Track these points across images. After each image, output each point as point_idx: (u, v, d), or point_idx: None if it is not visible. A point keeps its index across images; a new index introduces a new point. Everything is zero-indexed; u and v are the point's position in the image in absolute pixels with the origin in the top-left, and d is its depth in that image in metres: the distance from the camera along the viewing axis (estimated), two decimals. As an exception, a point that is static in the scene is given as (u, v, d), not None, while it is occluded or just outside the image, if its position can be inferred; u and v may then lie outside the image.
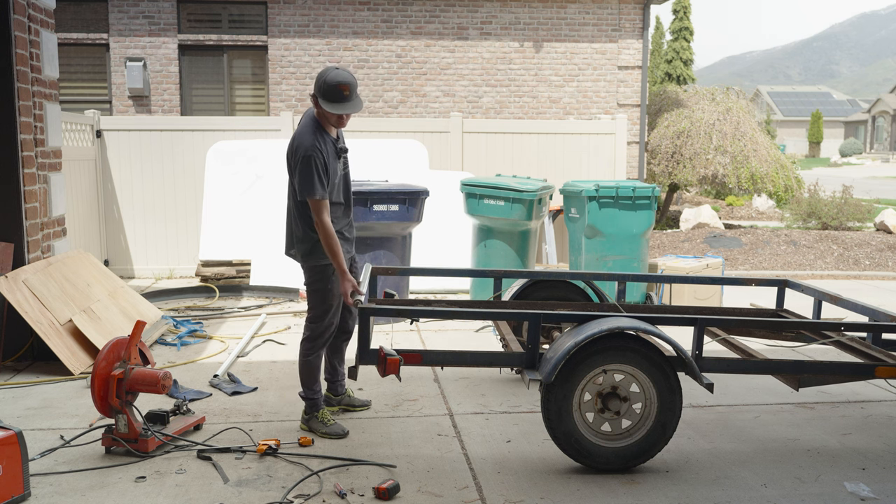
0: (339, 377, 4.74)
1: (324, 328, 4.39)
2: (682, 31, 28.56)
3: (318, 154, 4.10)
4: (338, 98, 4.11)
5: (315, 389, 4.41)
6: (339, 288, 4.24)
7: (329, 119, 4.20)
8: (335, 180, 4.26)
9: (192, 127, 9.62)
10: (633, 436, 3.90)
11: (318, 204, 4.10)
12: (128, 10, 11.64)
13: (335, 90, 4.10)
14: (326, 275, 4.31)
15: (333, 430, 4.31)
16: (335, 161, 4.26)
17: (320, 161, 4.11)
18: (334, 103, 4.12)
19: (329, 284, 4.32)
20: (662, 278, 5.62)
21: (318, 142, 4.14)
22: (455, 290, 8.48)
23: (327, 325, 4.39)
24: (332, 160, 4.22)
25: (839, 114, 68.59)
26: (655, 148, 14.44)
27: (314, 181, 4.08)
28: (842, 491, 3.75)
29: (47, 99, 6.19)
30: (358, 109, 4.17)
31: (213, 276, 8.69)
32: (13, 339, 5.72)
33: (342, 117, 4.20)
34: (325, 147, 4.18)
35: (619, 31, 12.36)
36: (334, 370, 4.73)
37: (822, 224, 13.81)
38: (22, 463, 3.46)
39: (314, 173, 4.08)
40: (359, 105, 4.18)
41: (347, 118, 4.23)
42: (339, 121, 4.21)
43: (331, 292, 4.33)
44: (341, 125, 4.27)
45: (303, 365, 4.40)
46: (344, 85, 4.10)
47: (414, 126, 10.04)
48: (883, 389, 5.36)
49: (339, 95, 4.10)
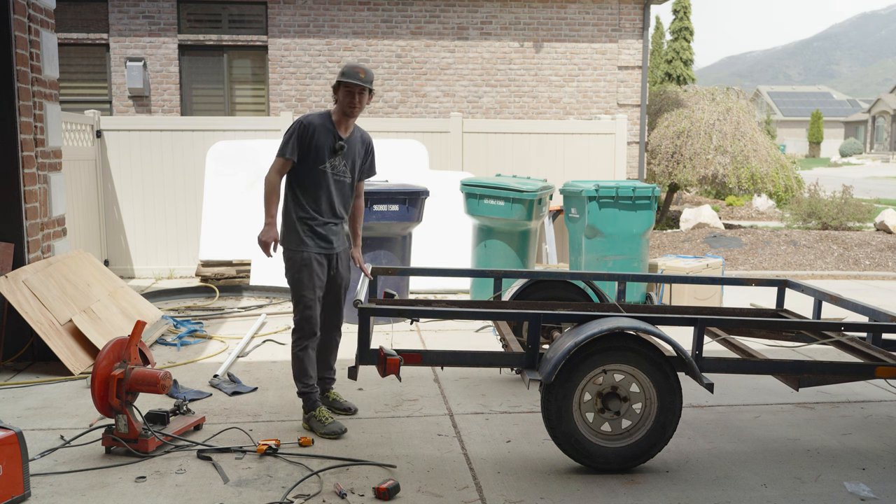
0: (325, 378, 4.75)
1: (302, 319, 4.45)
2: (682, 31, 28.57)
3: (308, 126, 4.37)
4: (354, 77, 4.35)
5: (305, 382, 4.46)
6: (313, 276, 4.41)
7: (343, 105, 4.39)
8: (319, 165, 4.41)
9: (192, 127, 9.62)
10: (633, 436, 3.90)
11: (277, 160, 4.40)
12: (128, 10, 11.64)
13: (353, 70, 4.38)
14: (295, 262, 4.44)
15: (331, 429, 4.32)
16: (327, 148, 4.42)
17: (306, 132, 4.36)
18: (350, 79, 4.35)
19: (298, 273, 4.43)
20: (662, 278, 5.62)
21: (315, 120, 4.40)
22: (455, 290, 8.48)
23: (305, 316, 4.44)
24: (322, 140, 4.39)
25: (839, 114, 68.58)
26: (655, 148, 14.44)
27: (287, 141, 4.37)
28: (842, 491, 3.74)
29: (47, 99, 6.19)
30: (369, 84, 4.38)
31: (213, 276, 8.69)
32: (13, 339, 5.72)
33: (354, 100, 4.37)
34: (320, 129, 4.39)
35: (619, 31, 12.36)
36: (322, 368, 4.75)
37: (823, 224, 13.81)
38: (22, 463, 3.46)
39: (292, 135, 4.37)
40: (370, 85, 4.40)
41: (360, 102, 4.40)
42: (352, 102, 4.37)
43: (300, 282, 4.44)
44: (353, 111, 4.41)
45: (292, 358, 4.51)
46: (360, 68, 4.40)
47: (414, 126, 10.04)
48: (883, 389, 5.36)
49: (356, 76, 4.36)
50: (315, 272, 4.42)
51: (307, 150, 4.37)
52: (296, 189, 4.45)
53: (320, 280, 4.46)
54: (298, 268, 4.43)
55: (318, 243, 4.45)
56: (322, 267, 4.47)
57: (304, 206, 4.43)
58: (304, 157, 4.39)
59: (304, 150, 4.37)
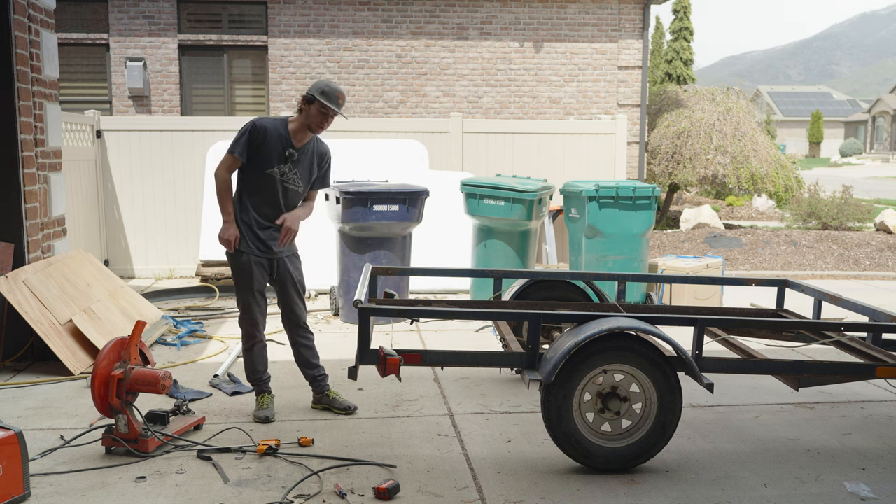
0: (316, 378, 4.78)
1: (240, 319, 4.64)
2: (682, 31, 28.55)
3: (260, 129, 4.41)
4: (334, 103, 4.43)
5: (252, 376, 4.68)
6: (252, 279, 4.52)
7: (311, 121, 4.44)
8: (266, 169, 4.46)
9: (192, 127, 9.62)
10: (633, 436, 3.90)
11: (226, 156, 4.48)
12: (128, 10, 11.64)
13: (335, 95, 4.44)
14: (235, 264, 4.55)
15: (257, 415, 4.57)
16: (276, 155, 4.46)
17: (257, 135, 4.40)
18: (331, 103, 4.42)
19: (237, 275, 4.57)
20: (662, 278, 5.62)
21: (268, 125, 4.45)
22: (455, 290, 8.48)
23: (244, 318, 4.61)
24: (272, 145, 4.43)
25: (839, 114, 68.57)
26: (655, 148, 14.44)
27: (237, 139, 4.43)
28: (842, 491, 3.75)
29: (47, 99, 6.19)
30: (340, 112, 4.48)
31: (214, 276, 8.69)
32: (13, 339, 5.72)
33: (325, 122, 4.46)
34: (272, 134, 4.43)
35: (619, 31, 12.37)
36: (305, 371, 4.80)
37: (823, 224, 13.81)
38: (22, 463, 3.46)
39: (243, 135, 4.43)
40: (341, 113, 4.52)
41: (328, 123, 4.49)
42: (322, 122, 4.44)
43: (239, 283, 4.58)
44: (319, 130, 4.49)
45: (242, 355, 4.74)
46: (341, 93, 4.48)
47: (414, 126, 10.04)
48: (883, 389, 5.36)
49: (337, 102, 4.45)
50: (255, 275, 4.53)
51: (256, 152, 4.44)
52: (242, 191, 4.55)
53: (259, 283, 4.56)
54: (237, 270, 4.55)
55: (259, 246, 4.53)
56: (263, 270, 4.57)
57: (247, 209, 4.52)
58: (252, 159, 4.46)
59: (253, 152, 4.44)
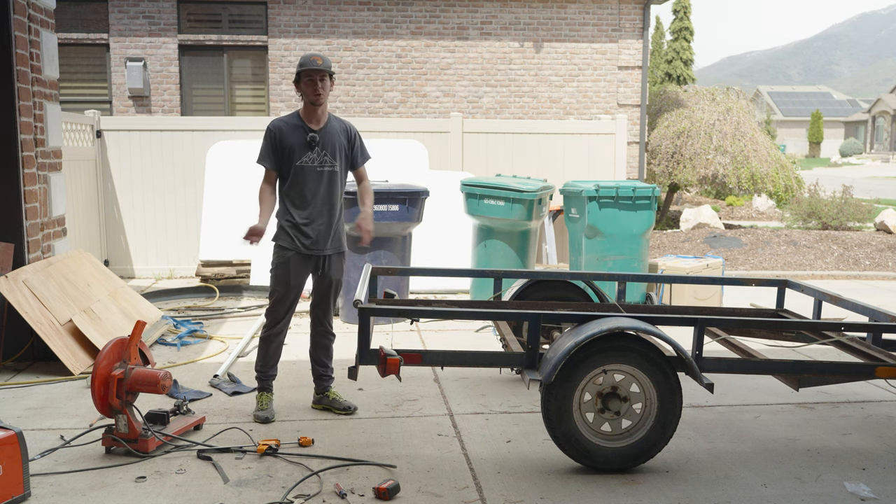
0: (322, 376, 4.80)
1: (269, 310, 4.61)
2: (682, 31, 28.55)
3: (274, 130, 4.50)
4: (311, 64, 4.43)
5: (261, 371, 4.65)
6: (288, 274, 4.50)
7: (307, 95, 4.45)
8: (295, 162, 4.49)
9: (192, 127, 9.62)
10: (633, 436, 3.90)
11: (265, 171, 4.57)
12: (128, 10, 11.64)
13: (309, 59, 4.46)
14: (276, 257, 4.56)
15: (257, 415, 4.55)
16: (299, 145, 4.49)
17: (275, 137, 4.50)
18: (308, 66, 4.43)
19: (276, 269, 4.56)
20: (662, 278, 5.62)
21: (281, 122, 4.54)
22: (455, 290, 8.48)
23: (272, 309, 4.59)
24: (292, 138, 4.48)
25: (839, 114, 68.55)
26: (655, 148, 14.44)
27: (261, 151, 4.55)
28: (842, 491, 3.74)
29: (47, 99, 6.19)
30: (328, 68, 4.45)
31: (213, 276, 8.69)
32: (13, 339, 5.72)
33: (316, 87, 4.42)
34: (288, 129, 4.50)
35: (619, 31, 12.36)
36: (314, 367, 4.81)
37: (823, 224, 13.81)
38: (22, 463, 3.46)
39: (263, 144, 4.54)
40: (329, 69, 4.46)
41: (323, 88, 4.44)
42: (314, 89, 4.43)
43: (275, 276, 4.56)
44: (318, 98, 4.46)
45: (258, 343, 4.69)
46: (316, 55, 4.49)
47: (414, 126, 10.04)
48: (883, 389, 5.36)
49: (313, 63, 4.44)
50: (292, 270, 4.52)
51: (280, 152, 4.50)
52: (284, 189, 4.58)
53: (296, 279, 4.55)
54: (277, 263, 4.57)
55: (303, 242, 4.53)
56: (305, 267, 4.56)
57: (291, 205, 4.54)
58: (281, 160, 4.51)
59: (278, 153, 4.50)
